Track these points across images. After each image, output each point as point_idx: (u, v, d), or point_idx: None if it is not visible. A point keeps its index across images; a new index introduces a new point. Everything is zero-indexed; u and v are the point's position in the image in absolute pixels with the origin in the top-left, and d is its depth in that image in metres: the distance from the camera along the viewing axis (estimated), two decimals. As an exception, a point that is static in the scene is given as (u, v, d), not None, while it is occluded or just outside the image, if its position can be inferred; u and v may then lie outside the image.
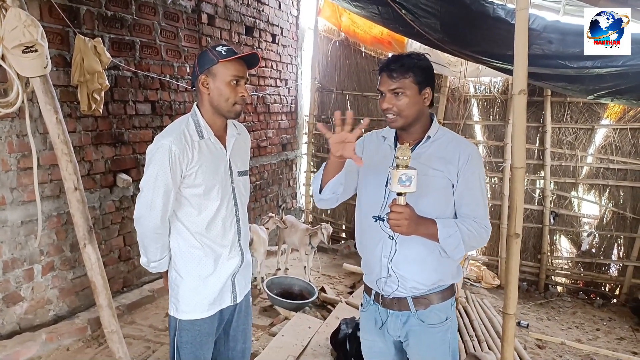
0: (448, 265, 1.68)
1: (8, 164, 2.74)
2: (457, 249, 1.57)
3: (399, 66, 1.58)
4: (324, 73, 6.27)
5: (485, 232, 1.62)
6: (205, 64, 1.65)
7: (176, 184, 1.63)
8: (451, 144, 1.65)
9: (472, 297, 4.36)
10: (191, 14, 4.16)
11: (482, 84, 5.51)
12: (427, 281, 1.66)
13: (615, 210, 5.13)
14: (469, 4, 3.03)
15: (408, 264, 1.65)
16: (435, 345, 1.69)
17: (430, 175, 1.60)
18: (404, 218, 1.46)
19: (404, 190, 1.43)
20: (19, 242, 2.82)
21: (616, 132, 5.02)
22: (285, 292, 3.84)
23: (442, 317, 1.69)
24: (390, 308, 1.71)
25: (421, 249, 1.63)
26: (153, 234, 1.66)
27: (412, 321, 1.68)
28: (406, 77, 1.58)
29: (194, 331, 1.74)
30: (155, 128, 3.81)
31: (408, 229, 1.49)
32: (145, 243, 1.70)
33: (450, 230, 1.55)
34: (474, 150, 1.66)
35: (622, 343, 4.22)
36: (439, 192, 1.62)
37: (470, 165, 1.61)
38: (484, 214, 1.63)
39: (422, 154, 1.65)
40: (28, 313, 2.91)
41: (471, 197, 1.62)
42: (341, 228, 6.50)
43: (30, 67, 2.05)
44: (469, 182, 1.61)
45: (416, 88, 1.60)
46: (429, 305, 1.67)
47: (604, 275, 5.30)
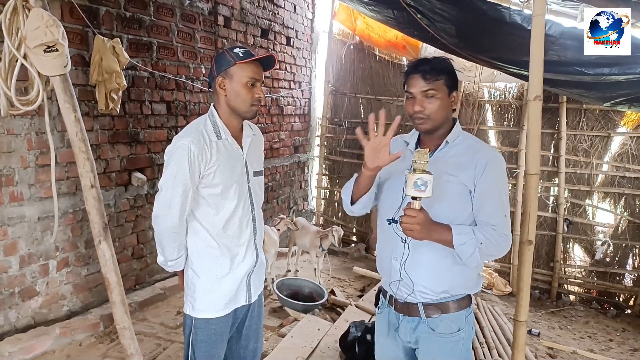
0: (462, 275, 1.63)
1: (27, 161, 2.79)
2: (472, 257, 1.53)
3: (432, 68, 1.57)
4: (338, 76, 6.28)
5: (505, 241, 1.56)
6: (222, 65, 1.67)
7: (194, 184, 1.64)
8: (470, 150, 1.63)
9: (483, 304, 4.32)
10: (208, 16, 4.21)
11: (497, 89, 5.48)
12: (437, 288, 1.63)
13: (631, 219, 5.05)
14: (485, 9, 3.02)
15: (418, 269, 1.63)
16: (443, 355, 1.65)
17: (444, 180, 1.58)
18: (416, 222, 1.46)
19: (418, 195, 1.43)
20: (35, 237, 2.88)
21: (633, 140, 4.95)
22: (295, 293, 3.85)
23: (453, 327, 1.64)
24: (402, 312, 1.70)
25: (432, 255, 1.61)
26: (170, 233, 1.68)
27: (421, 328, 1.66)
28: (439, 79, 1.58)
29: (209, 330, 1.75)
30: (170, 128, 3.85)
31: (420, 234, 1.49)
32: (163, 242, 1.71)
33: (466, 238, 1.52)
34: (493, 156, 1.62)
35: (636, 354, 4.15)
36: (452, 198, 1.59)
37: (488, 172, 1.57)
38: (503, 222, 1.57)
39: (439, 158, 1.64)
40: (43, 307, 2.96)
41: (489, 205, 1.58)
42: (352, 231, 6.50)
43: (51, 66, 2.08)
44: (486, 189, 1.58)
45: (447, 91, 1.60)
46: (440, 313, 1.63)
47: (618, 285, 5.22)
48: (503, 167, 1.64)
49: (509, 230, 1.59)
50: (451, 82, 1.61)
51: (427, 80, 1.57)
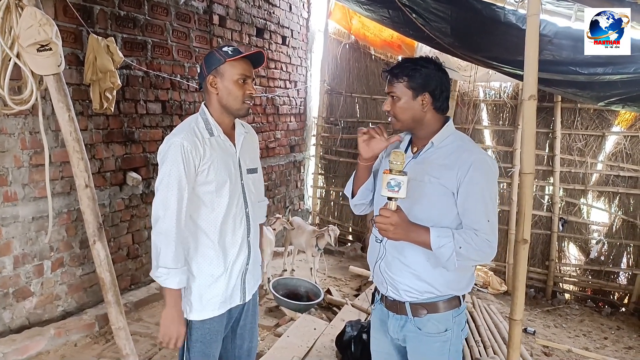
0: (446, 276, 1.61)
1: (20, 161, 2.78)
2: (449, 260, 1.50)
3: (394, 71, 1.62)
4: (334, 75, 6.28)
5: (488, 247, 1.51)
6: (212, 64, 1.68)
7: (190, 182, 1.63)
8: (457, 151, 1.59)
9: (478, 303, 4.33)
10: (203, 15, 4.20)
11: (492, 88, 5.49)
12: (420, 288, 1.63)
13: (625, 218, 5.08)
14: (480, 9, 3.03)
15: (401, 269, 1.64)
16: (431, 355, 1.66)
17: (426, 181, 1.58)
18: (389, 223, 1.47)
19: (392, 195, 1.44)
20: (29, 237, 2.86)
21: (627, 140, 4.98)
22: (291, 293, 3.84)
23: (440, 327, 1.64)
24: (391, 310, 1.72)
25: (415, 256, 1.61)
26: (167, 235, 1.60)
27: (408, 327, 1.67)
28: (400, 82, 1.60)
29: (203, 330, 1.75)
30: (165, 127, 3.84)
31: (394, 234, 1.49)
32: (160, 246, 1.61)
33: (444, 241, 1.49)
34: (479, 158, 1.56)
35: (631, 352, 4.18)
36: (433, 200, 1.58)
37: (471, 173, 1.53)
38: (486, 227, 1.52)
39: (425, 159, 1.64)
40: (37, 308, 2.95)
41: (472, 208, 1.54)
42: (348, 231, 6.50)
43: (44, 65, 2.07)
44: (469, 191, 1.53)
45: (410, 93, 1.60)
46: (426, 313, 1.63)
47: (612, 283, 5.25)
48: (490, 169, 1.58)
49: (493, 235, 1.53)
50: (418, 83, 1.59)
51: (390, 82, 1.63)
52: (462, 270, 1.62)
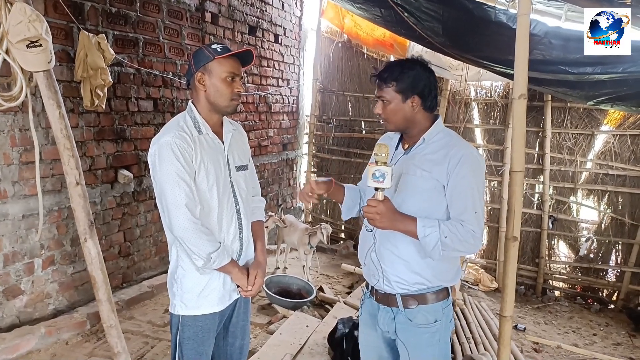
0: (435, 267, 1.66)
1: (10, 158, 2.75)
2: (434, 249, 1.55)
3: (382, 76, 1.66)
4: (326, 74, 6.28)
5: (472, 237, 1.56)
6: (201, 60, 1.68)
7: (192, 175, 1.62)
8: (447, 146, 1.64)
9: (469, 300, 4.37)
10: (195, 13, 4.18)
11: (483, 87, 5.53)
12: (410, 279, 1.67)
13: (614, 216, 5.14)
14: (471, 8, 3.05)
15: (392, 260, 1.69)
16: (422, 345, 1.70)
17: (417, 175, 1.64)
18: (376, 212, 1.53)
19: (377, 185, 1.51)
20: (19, 235, 2.84)
21: (616, 139, 5.04)
22: (284, 290, 3.85)
23: (430, 318, 1.68)
24: (382, 303, 1.75)
25: (405, 247, 1.66)
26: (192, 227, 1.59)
27: (399, 318, 1.71)
28: (388, 87, 1.64)
29: (196, 327, 1.75)
30: (157, 125, 3.82)
31: (381, 223, 1.55)
32: (192, 240, 1.60)
33: (430, 230, 1.55)
34: (467, 153, 1.61)
35: (619, 349, 4.23)
36: (425, 193, 1.63)
37: (461, 167, 1.58)
38: (472, 219, 1.57)
39: (416, 155, 1.69)
40: (28, 306, 2.93)
41: (460, 200, 1.59)
42: (340, 228, 6.52)
43: (34, 61, 2.05)
44: (457, 183, 1.59)
45: (399, 97, 1.64)
46: (417, 305, 1.68)
47: (601, 280, 5.31)
48: (478, 164, 1.64)
49: (479, 227, 1.58)
50: (406, 86, 1.63)
51: (379, 87, 1.67)
52: (448, 262, 1.69)
